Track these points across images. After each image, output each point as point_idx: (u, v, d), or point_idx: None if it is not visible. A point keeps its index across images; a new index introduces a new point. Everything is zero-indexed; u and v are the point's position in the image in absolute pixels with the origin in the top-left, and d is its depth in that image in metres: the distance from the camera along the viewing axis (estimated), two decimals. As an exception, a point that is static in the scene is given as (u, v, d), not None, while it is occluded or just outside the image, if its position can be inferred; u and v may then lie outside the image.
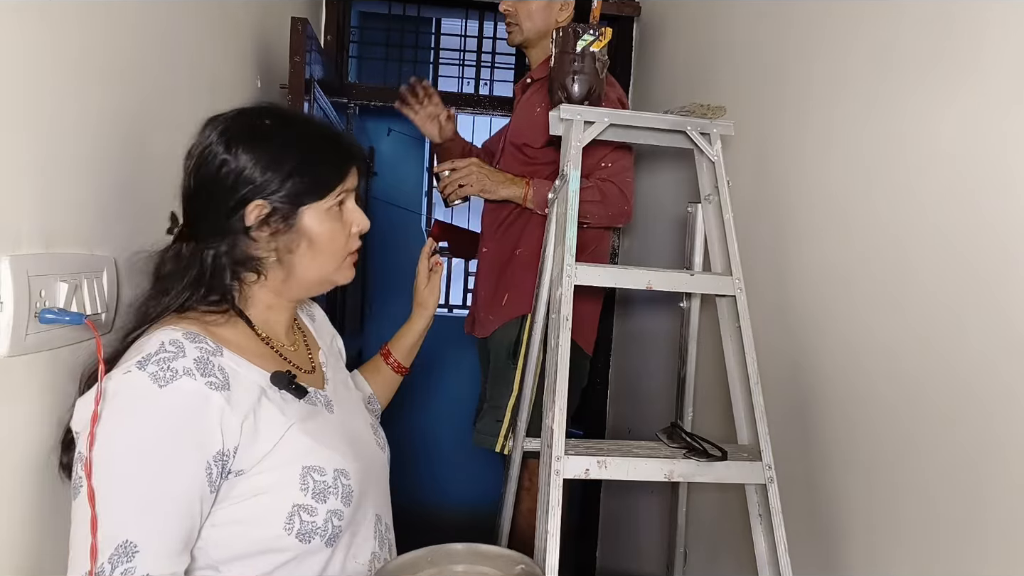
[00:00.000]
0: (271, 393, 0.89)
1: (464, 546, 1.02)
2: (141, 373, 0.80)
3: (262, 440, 0.85)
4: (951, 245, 1.01)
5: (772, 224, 1.49)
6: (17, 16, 0.76)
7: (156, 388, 0.79)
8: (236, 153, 0.90)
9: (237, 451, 0.83)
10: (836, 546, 1.24)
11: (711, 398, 1.66)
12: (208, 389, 0.82)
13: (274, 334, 0.99)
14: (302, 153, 0.94)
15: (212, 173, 0.90)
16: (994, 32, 0.95)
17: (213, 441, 0.81)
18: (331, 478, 0.90)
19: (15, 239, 0.78)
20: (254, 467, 0.85)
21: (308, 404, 0.94)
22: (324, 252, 0.97)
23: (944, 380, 1.01)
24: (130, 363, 0.81)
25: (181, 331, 0.85)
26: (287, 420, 0.88)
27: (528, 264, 1.92)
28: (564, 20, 1.95)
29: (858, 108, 1.23)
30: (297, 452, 0.88)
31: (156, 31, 1.11)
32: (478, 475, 3.48)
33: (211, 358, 0.84)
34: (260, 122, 0.94)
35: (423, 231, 3.97)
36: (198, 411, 0.81)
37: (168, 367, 0.81)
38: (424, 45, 3.70)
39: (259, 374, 0.89)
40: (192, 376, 0.81)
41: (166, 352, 0.82)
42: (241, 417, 0.84)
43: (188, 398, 0.81)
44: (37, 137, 0.81)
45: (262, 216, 0.91)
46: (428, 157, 4.04)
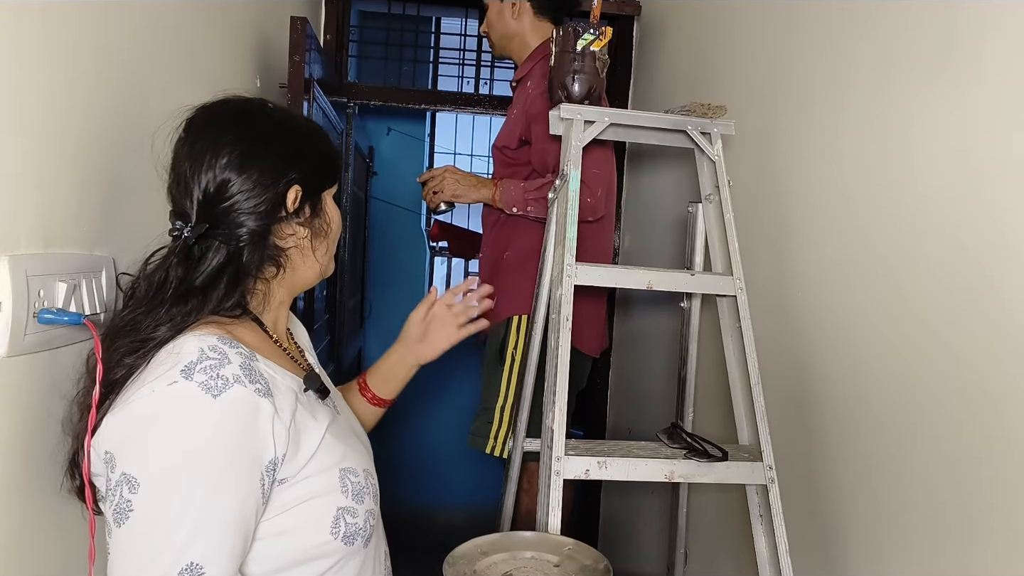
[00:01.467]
0: (301, 397, 0.86)
1: (533, 534, 1.14)
2: (189, 383, 0.75)
3: (304, 447, 0.83)
4: (953, 244, 1.01)
5: (773, 224, 1.49)
6: (17, 16, 0.76)
7: (210, 398, 0.75)
8: (266, 140, 0.88)
9: (284, 459, 0.80)
10: (837, 546, 1.23)
11: (712, 398, 1.66)
12: (257, 396, 0.78)
13: (280, 335, 0.96)
14: (311, 138, 0.95)
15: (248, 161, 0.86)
16: (998, 31, 0.95)
17: (266, 450, 0.78)
18: (363, 478, 0.89)
19: (14, 239, 0.77)
20: (297, 474, 0.82)
21: (328, 406, 0.92)
22: (334, 239, 0.97)
23: (946, 379, 1.01)
24: (170, 373, 0.76)
25: (214, 336, 0.80)
26: (320, 425, 0.86)
27: (515, 267, 1.94)
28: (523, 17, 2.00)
29: (859, 107, 1.22)
30: (334, 456, 0.86)
31: (155, 30, 1.11)
32: (479, 476, 3.47)
33: (251, 363, 0.80)
34: (266, 109, 0.93)
35: (423, 231, 3.97)
36: (252, 420, 0.77)
37: (217, 375, 0.76)
38: (424, 44, 3.70)
39: (291, 379, 0.86)
40: (242, 383, 0.77)
41: (210, 359, 0.77)
42: (287, 424, 0.80)
43: (242, 407, 0.76)
44: (37, 137, 0.81)
45: (297, 202, 0.89)
46: (428, 157, 4.04)
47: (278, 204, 0.87)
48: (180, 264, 0.84)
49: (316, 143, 0.95)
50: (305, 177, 0.90)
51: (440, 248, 3.95)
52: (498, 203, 1.93)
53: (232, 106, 0.91)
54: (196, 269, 0.84)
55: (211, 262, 0.84)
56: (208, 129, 0.87)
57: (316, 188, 0.92)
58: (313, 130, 0.97)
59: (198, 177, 0.85)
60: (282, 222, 0.88)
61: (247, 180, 0.85)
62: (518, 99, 2.01)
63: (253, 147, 0.86)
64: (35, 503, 0.83)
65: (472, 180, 1.97)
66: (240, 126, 0.88)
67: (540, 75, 1.93)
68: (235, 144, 0.85)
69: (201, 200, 0.85)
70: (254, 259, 0.87)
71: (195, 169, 0.85)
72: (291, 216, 0.89)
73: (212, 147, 0.85)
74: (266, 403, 0.78)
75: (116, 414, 0.76)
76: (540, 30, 2.00)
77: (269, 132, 0.90)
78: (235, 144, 0.85)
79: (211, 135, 0.86)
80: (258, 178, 0.86)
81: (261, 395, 0.78)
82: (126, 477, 0.73)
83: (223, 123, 0.88)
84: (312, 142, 0.94)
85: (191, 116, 0.89)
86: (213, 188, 0.85)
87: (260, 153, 0.87)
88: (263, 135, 0.89)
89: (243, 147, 0.86)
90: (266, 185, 0.86)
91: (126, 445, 0.74)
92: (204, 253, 0.85)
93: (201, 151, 0.85)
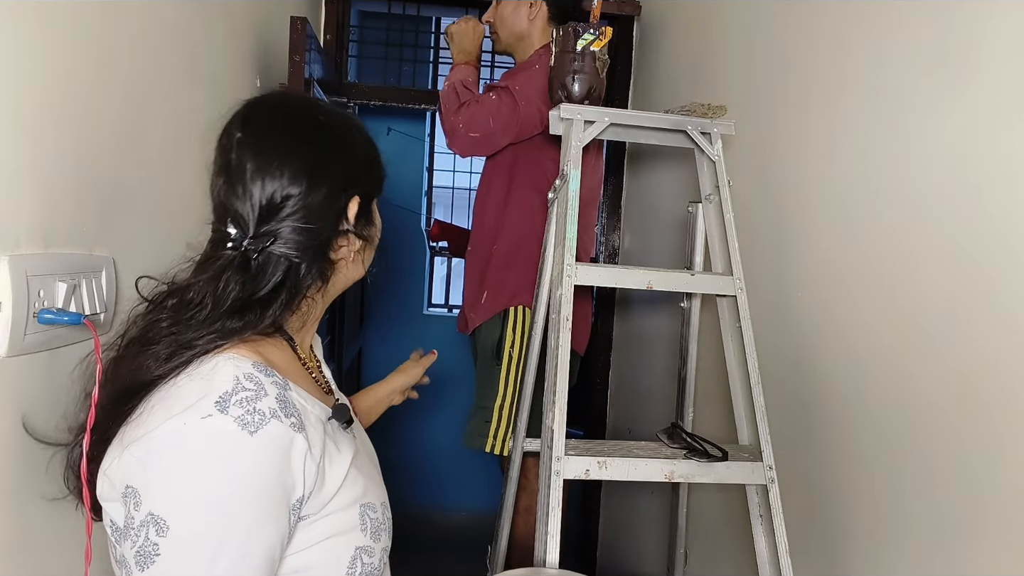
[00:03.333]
0: (327, 427, 0.81)
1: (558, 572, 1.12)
2: (225, 417, 0.70)
3: (329, 482, 0.78)
4: (952, 244, 1.01)
5: (772, 224, 1.49)
6: (16, 16, 0.76)
7: (247, 435, 0.70)
8: (336, 149, 0.84)
9: (310, 496, 0.75)
10: (837, 546, 1.23)
11: (712, 398, 1.66)
12: (293, 432, 0.73)
13: (307, 354, 0.91)
14: (369, 145, 0.91)
15: (320, 174, 0.81)
16: (997, 30, 0.95)
17: (296, 488, 0.73)
18: (380, 514, 0.84)
19: (14, 239, 0.77)
20: (320, 511, 0.77)
21: (351, 434, 0.86)
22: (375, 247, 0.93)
23: (945, 379, 1.01)
24: (203, 404, 0.70)
25: (248, 361, 0.75)
26: (345, 457, 0.81)
27: (504, 261, 1.95)
28: (537, 20, 2.02)
29: (859, 107, 1.22)
30: (356, 491, 0.81)
31: (155, 30, 1.11)
32: (478, 476, 3.47)
33: (286, 394, 0.75)
34: (330, 113, 0.88)
35: (423, 231, 3.96)
36: (287, 457, 0.72)
37: (254, 408, 0.71)
38: (424, 44, 3.70)
39: (321, 408, 0.81)
40: (279, 419, 0.72)
41: (246, 391, 0.72)
42: (318, 460, 0.76)
43: (278, 444, 0.71)
44: (36, 137, 0.81)
45: (355, 211, 0.85)
46: (428, 157, 4.04)
47: (341, 217, 0.84)
48: (237, 278, 0.77)
49: (372, 151, 0.91)
50: (364, 188, 0.86)
51: (440, 248, 3.95)
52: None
53: (295, 103, 0.87)
54: (257, 282, 0.78)
55: (271, 277, 0.79)
56: (275, 129, 0.82)
57: (371, 197, 0.89)
58: (369, 137, 0.92)
59: (262, 184, 0.79)
60: (340, 235, 0.84)
61: (316, 194, 0.80)
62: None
63: (323, 158, 0.82)
64: (35, 503, 0.83)
65: (467, 42, 2.04)
66: (310, 129, 0.84)
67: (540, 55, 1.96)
68: (307, 152, 0.81)
69: (264, 208, 0.79)
70: (312, 275, 0.82)
71: (259, 175, 0.79)
72: (351, 228, 0.85)
73: (282, 152, 0.80)
74: (301, 439, 0.73)
75: (141, 445, 0.70)
76: (546, 36, 2.01)
77: (338, 141, 0.86)
78: (307, 152, 0.81)
79: (280, 137, 0.81)
80: (327, 192, 0.81)
81: (296, 430, 0.73)
82: (153, 518, 0.68)
83: (292, 124, 0.84)
84: (369, 150, 0.90)
85: (246, 111, 0.83)
86: (280, 198, 0.79)
87: (330, 165, 0.82)
88: (333, 144, 0.85)
89: (314, 155, 0.81)
90: (333, 199, 0.82)
91: (154, 483, 0.69)
92: (263, 266, 0.79)
93: (269, 156, 0.80)
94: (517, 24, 2.02)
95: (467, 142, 1.92)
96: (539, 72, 1.86)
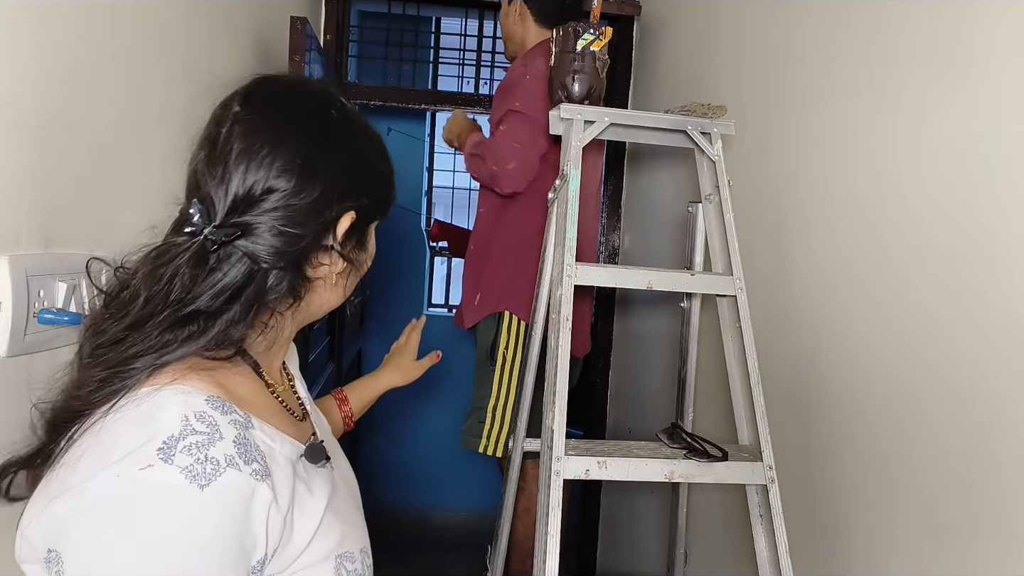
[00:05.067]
0: (298, 467, 0.69)
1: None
2: (169, 468, 0.57)
3: (298, 534, 0.66)
4: (951, 244, 1.01)
5: (772, 224, 1.49)
6: (16, 16, 0.76)
7: (196, 490, 0.57)
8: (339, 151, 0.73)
9: (275, 553, 0.64)
10: (837, 546, 1.23)
11: (711, 398, 1.66)
12: (254, 481, 0.61)
13: (273, 376, 0.78)
14: (381, 158, 0.80)
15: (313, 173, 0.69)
16: (994, 31, 0.95)
17: (258, 548, 0.62)
18: (360, 562, 0.74)
19: (14, 238, 0.77)
20: (286, 569, 0.66)
21: (325, 471, 0.74)
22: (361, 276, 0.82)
23: (945, 379, 1.01)
24: (143, 452, 0.58)
25: (202, 395, 0.63)
26: (318, 503, 0.70)
27: (498, 262, 1.96)
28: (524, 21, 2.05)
29: (859, 107, 1.22)
30: (331, 542, 0.70)
31: (155, 30, 1.11)
32: (477, 476, 3.47)
33: (246, 434, 0.63)
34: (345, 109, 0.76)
35: (423, 231, 3.97)
36: (246, 512, 0.60)
37: (206, 457, 0.59)
38: (424, 44, 3.70)
39: (291, 446, 0.69)
40: (237, 467, 0.60)
41: (196, 434, 0.59)
42: (284, 511, 0.64)
43: (235, 496, 0.59)
44: (37, 137, 0.81)
45: (346, 228, 0.73)
46: (428, 157, 4.04)
47: (327, 230, 0.72)
48: (190, 270, 0.65)
49: (384, 166, 0.80)
50: (364, 204, 0.75)
51: (440, 248, 3.95)
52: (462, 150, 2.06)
53: (309, 92, 0.75)
54: (205, 280, 0.65)
55: (226, 275, 0.66)
56: (276, 114, 0.71)
57: (368, 219, 0.78)
58: (383, 149, 0.80)
59: (245, 172, 0.67)
60: (322, 251, 0.73)
61: (304, 196, 0.69)
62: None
63: (324, 156, 0.71)
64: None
65: (462, 126, 2.09)
66: (316, 123, 0.72)
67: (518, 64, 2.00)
68: (304, 146, 0.70)
69: (239, 199, 0.67)
70: (280, 288, 0.69)
71: (244, 160, 0.67)
72: (336, 245, 0.73)
73: (275, 140, 0.68)
74: (264, 488, 0.61)
75: (66, 500, 0.58)
76: (540, 36, 2.03)
77: (346, 140, 0.74)
78: (304, 146, 0.70)
79: (279, 123, 0.70)
80: (318, 197, 0.69)
81: (258, 478, 0.61)
82: None
83: (296, 113, 0.72)
84: (380, 164, 0.79)
85: (251, 87, 0.73)
86: (261, 190, 0.67)
87: (329, 166, 0.71)
88: (339, 143, 0.73)
89: (313, 154, 0.70)
90: (322, 207, 0.70)
91: (80, 548, 0.57)
92: (220, 263, 0.66)
93: (260, 140, 0.68)
94: (507, 26, 2.10)
95: (510, 175, 1.89)
96: (530, 80, 1.89)
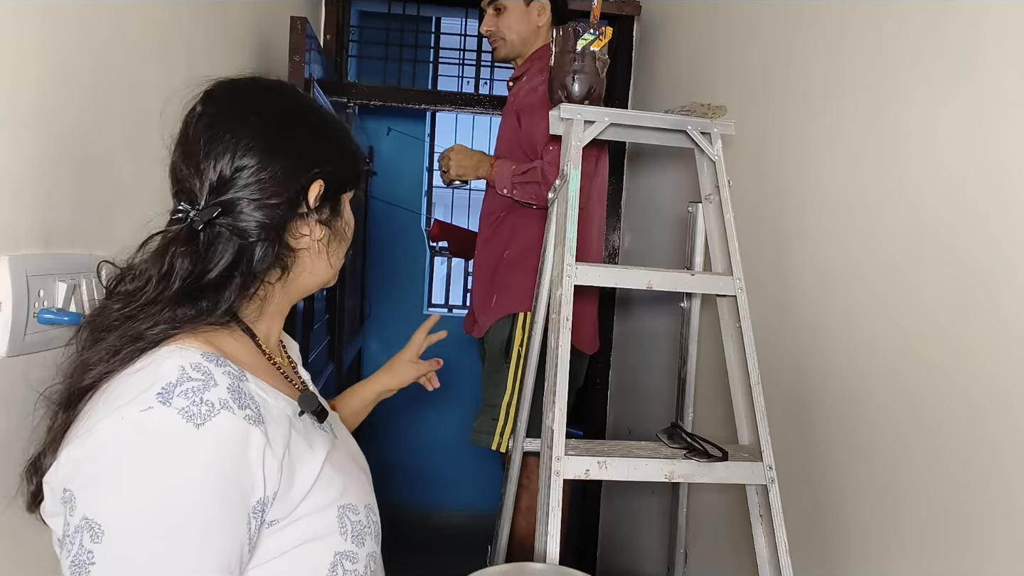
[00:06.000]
0: (296, 422, 0.75)
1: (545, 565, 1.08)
2: (167, 409, 0.63)
3: (299, 482, 0.71)
4: (950, 245, 1.01)
5: (772, 224, 1.49)
6: (16, 16, 0.76)
7: (192, 428, 0.63)
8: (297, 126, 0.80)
9: (275, 497, 0.69)
10: (837, 546, 1.23)
11: (711, 398, 1.66)
12: (248, 424, 0.66)
13: (271, 348, 0.84)
14: (342, 133, 0.86)
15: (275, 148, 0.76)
16: (995, 31, 0.95)
17: (256, 489, 0.66)
18: (364, 516, 0.78)
19: (14, 239, 0.77)
20: (290, 514, 0.70)
21: (326, 431, 0.80)
22: (348, 242, 0.88)
23: (943, 380, 1.01)
24: (144, 396, 0.64)
25: (198, 351, 0.69)
26: (318, 455, 0.75)
27: (515, 264, 1.97)
28: (543, 23, 2.04)
29: (859, 107, 1.22)
30: (333, 492, 0.75)
31: (154, 30, 1.11)
32: (478, 475, 3.47)
33: (241, 384, 0.69)
34: (298, 93, 0.85)
35: (423, 231, 3.97)
36: (241, 453, 0.65)
37: (201, 399, 0.65)
38: (424, 44, 3.70)
39: (285, 401, 0.75)
40: (231, 410, 0.66)
41: (192, 380, 0.66)
42: (280, 456, 0.69)
43: (230, 438, 0.65)
44: (37, 137, 0.81)
45: (318, 199, 0.80)
46: (428, 157, 4.04)
47: (299, 199, 0.78)
48: (186, 253, 0.72)
49: (346, 139, 0.86)
50: (330, 173, 0.81)
51: (440, 248, 3.95)
52: (492, 182, 2.00)
53: (261, 84, 0.82)
54: (207, 260, 0.73)
55: (222, 255, 0.73)
56: (233, 105, 0.78)
57: (338, 187, 0.83)
58: (344, 128, 0.88)
59: (214, 158, 0.74)
60: (299, 219, 0.79)
61: (270, 168, 0.75)
62: (511, 101, 2.06)
63: (282, 132, 0.78)
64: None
65: (474, 159, 2.04)
66: (270, 106, 0.79)
67: (535, 71, 1.96)
68: (262, 126, 0.77)
69: (215, 183, 0.74)
70: (266, 258, 0.76)
71: (212, 148, 0.75)
72: (310, 213, 0.79)
73: (236, 126, 0.76)
74: (257, 432, 0.67)
75: (78, 444, 0.64)
76: (547, 36, 2.04)
77: (300, 118, 0.81)
78: (262, 126, 0.77)
79: (236, 112, 0.77)
80: (283, 168, 0.76)
81: (252, 423, 0.67)
82: (87, 523, 0.61)
83: (250, 101, 0.79)
84: (342, 137, 0.86)
85: (211, 88, 0.80)
86: (230, 172, 0.74)
87: (289, 140, 0.78)
88: (294, 120, 0.80)
89: (271, 131, 0.77)
90: (290, 176, 0.77)
91: (90, 484, 0.63)
92: (212, 243, 0.74)
93: (222, 129, 0.75)
94: (527, 26, 2.05)
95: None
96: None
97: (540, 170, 1.87)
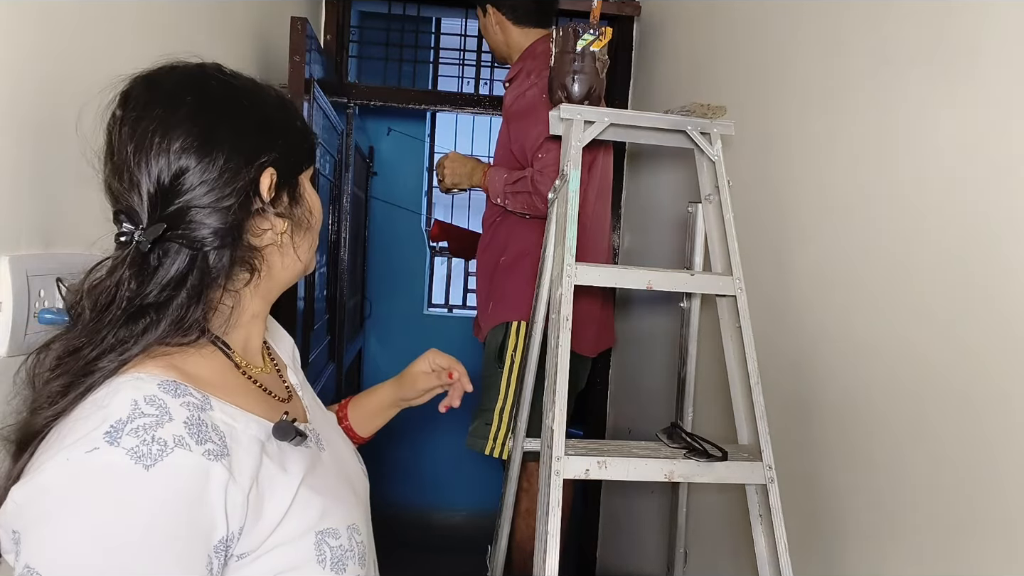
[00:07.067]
0: (269, 446, 0.70)
1: None
2: (114, 450, 0.58)
3: (268, 512, 0.67)
4: (950, 245, 1.01)
5: (772, 224, 1.49)
6: (17, 16, 0.76)
7: (140, 470, 0.58)
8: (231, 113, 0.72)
9: (242, 532, 0.65)
10: (837, 546, 1.23)
11: (711, 398, 1.66)
12: (207, 461, 0.62)
13: (251, 357, 0.79)
14: (283, 109, 0.78)
15: (211, 142, 0.69)
16: (994, 31, 0.95)
17: (217, 527, 0.62)
18: (346, 539, 0.74)
19: (15, 239, 0.78)
20: (260, 546, 0.66)
21: (305, 448, 0.76)
22: (317, 230, 0.81)
23: (942, 380, 1.01)
24: (92, 436, 0.59)
25: (155, 380, 0.64)
26: (292, 479, 0.70)
27: (510, 270, 1.98)
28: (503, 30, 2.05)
29: (859, 107, 1.22)
30: (309, 518, 0.71)
31: (155, 30, 1.11)
32: (478, 477, 3.47)
33: (201, 415, 0.64)
34: (225, 75, 0.75)
35: (423, 231, 3.97)
36: (199, 492, 0.61)
37: (152, 438, 0.60)
38: (424, 45, 3.70)
39: (257, 425, 0.70)
40: (186, 447, 0.61)
41: (144, 416, 0.61)
42: (246, 489, 0.65)
43: (185, 477, 0.60)
44: (37, 137, 0.81)
45: (272, 189, 0.73)
46: (428, 157, 4.04)
47: (251, 193, 0.71)
48: (133, 277, 0.66)
49: (288, 115, 0.78)
50: (280, 158, 0.74)
51: (440, 248, 3.96)
52: (486, 190, 2.01)
53: (181, 72, 0.72)
54: (153, 279, 0.67)
55: (169, 269, 0.67)
56: (154, 103, 0.69)
57: (293, 170, 0.77)
58: (282, 100, 0.79)
59: (146, 165, 0.67)
60: (256, 215, 0.73)
61: (211, 166, 0.68)
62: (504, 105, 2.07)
63: (216, 123, 0.70)
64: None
65: (468, 167, 2.04)
66: (196, 97, 0.70)
67: (524, 74, 1.96)
68: (192, 120, 0.69)
69: (153, 194, 0.67)
70: (222, 264, 0.69)
71: (141, 156, 0.67)
72: (267, 207, 0.73)
73: (162, 126, 0.68)
74: (218, 468, 0.62)
75: (23, 484, 0.60)
76: (528, 36, 2.04)
77: (233, 104, 0.72)
78: (192, 120, 0.69)
79: (159, 110, 0.68)
80: (225, 163, 0.69)
81: (212, 458, 0.62)
82: (29, 571, 0.57)
83: (173, 94, 0.70)
84: (284, 114, 0.78)
85: (127, 88, 0.71)
86: (168, 178, 0.67)
87: (225, 131, 0.70)
88: (227, 108, 0.71)
89: (203, 124, 0.69)
90: (235, 171, 0.69)
91: (32, 528, 0.58)
92: (163, 259, 0.67)
93: (147, 132, 0.67)
94: (489, 37, 2.10)
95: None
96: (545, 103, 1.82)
97: (530, 179, 1.86)
